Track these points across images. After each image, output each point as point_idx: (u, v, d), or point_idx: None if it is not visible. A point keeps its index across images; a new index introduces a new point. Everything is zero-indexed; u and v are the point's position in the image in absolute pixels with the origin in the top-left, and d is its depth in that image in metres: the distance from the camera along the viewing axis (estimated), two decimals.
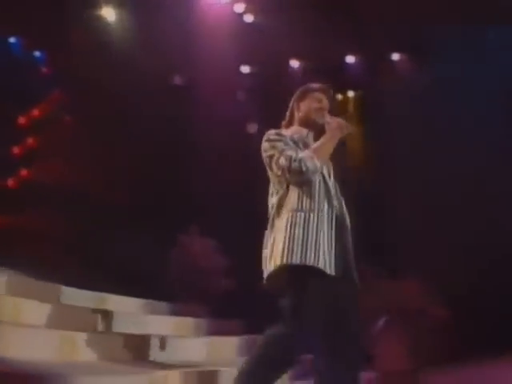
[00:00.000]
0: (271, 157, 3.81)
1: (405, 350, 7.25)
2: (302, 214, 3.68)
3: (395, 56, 12.65)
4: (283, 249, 3.59)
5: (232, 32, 10.85)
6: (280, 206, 3.76)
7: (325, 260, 3.59)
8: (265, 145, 3.88)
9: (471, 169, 11.27)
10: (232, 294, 9.20)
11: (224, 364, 6.15)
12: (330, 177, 3.90)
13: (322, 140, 3.89)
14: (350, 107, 13.19)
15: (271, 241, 3.71)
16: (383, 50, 12.39)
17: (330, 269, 3.59)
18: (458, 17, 11.97)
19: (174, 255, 9.33)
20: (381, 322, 7.15)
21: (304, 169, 3.69)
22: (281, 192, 3.80)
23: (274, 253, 3.64)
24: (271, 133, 3.91)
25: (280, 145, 3.81)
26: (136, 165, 11.05)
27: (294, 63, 12.40)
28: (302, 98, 4.13)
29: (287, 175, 3.72)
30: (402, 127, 11.77)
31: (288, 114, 4.18)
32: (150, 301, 8.19)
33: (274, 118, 4.37)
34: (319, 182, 3.79)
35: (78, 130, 11.46)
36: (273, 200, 3.84)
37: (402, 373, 7.12)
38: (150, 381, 5.00)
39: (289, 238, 3.61)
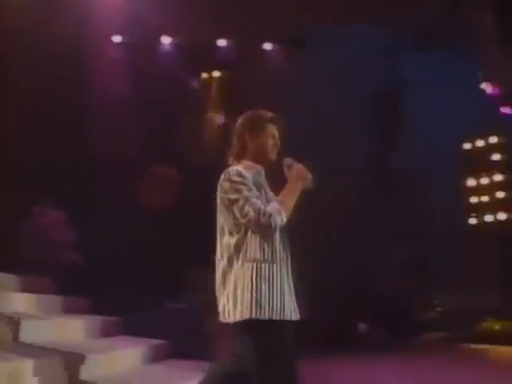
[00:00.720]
0: (234, 201, 3.67)
1: None
2: (267, 266, 3.67)
3: (267, 45, 13.00)
4: (251, 302, 3.58)
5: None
6: (238, 250, 3.70)
7: (290, 309, 3.67)
8: (225, 185, 3.71)
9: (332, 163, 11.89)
10: (80, 271, 9.16)
11: (74, 346, 6.02)
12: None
13: (287, 191, 3.81)
14: (214, 86, 13.39)
15: (232, 286, 3.69)
16: (256, 38, 12.64)
17: (294, 315, 3.70)
18: (330, 13, 12.42)
19: (25, 225, 9.10)
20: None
21: (273, 225, 3.64)
22: (238, 235, 3.73)
23: (240, 303, 3.63)
24: (233, 173, 3.72)
25: (244, 190, 3.67)
26: None
27: (166, 39, 12.43)
28: (256, 131, 3.90)
29: (253, 227, 3.64)
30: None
31: (238, 145, 3.93)
32: None
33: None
34: (278, 232, 3.76)
35: None
36: (229, 240, 3.75)
37: None
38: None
39: (256, 291, 3.60)
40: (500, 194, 16.25)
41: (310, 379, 4.55)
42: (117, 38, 12.18)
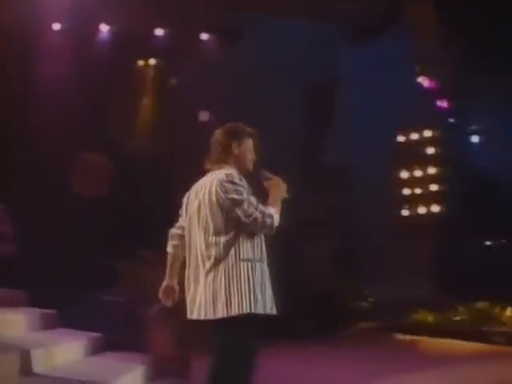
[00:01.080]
0: (238, 203, 4.00)
1: (175, 336, 7.63)
2: (259, 265, 4.07)
3: (204, 35, 12.97)
4: (249, 298, 3.96)
5: None
6: (229, 250, 4.02)
7: (272, 304, 4.12)
8: (228, 186, 4.03)
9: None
10: (17, 263, 8.94)
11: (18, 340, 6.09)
12: None
13: (274, 199, 4.20)
14: (149, 74, 13.28)
15: (222, 284, 3.98)
16: (193, 27, 12.57)
17: (274, 309, 4.15)
18: (267, 4, 12.45)
19: None
20: (154, 309, 7.38)
21: (275, 225, 4.09)
22: (227, 236, 4.04)
23: (236, 299, 3.94)
24: (234, 175, 4.09)
25: (245, 193, 4.06)
26: None
27: (104, 27, 12.33)
28: (240, 140, 4.29)
29: (257, 227, 4.03)
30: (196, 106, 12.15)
31: (221, 150, 4.25)
32: None
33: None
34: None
35: None
36: (218, 240, 4.03)
37: (172, 357, 7.50)
38: None
39: (253, 288, 3.98)
40: (433, 187, 16.55)
41: None
42: (56, 26, 11.98)
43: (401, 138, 17.06)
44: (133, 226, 11.01)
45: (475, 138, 16.64)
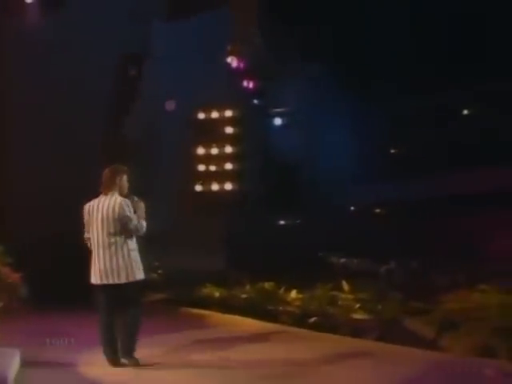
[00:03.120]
0: (130, 218, 7.28)
1: None
2: (137, 252, 7.48)
3: None
4: (138, 269, 7.47)
5: None
6: (122, 242, 7.29)
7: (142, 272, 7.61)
8: (125, 208, 7.28)
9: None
10: None
11: None
12: None
13: (141, 215, 7.43)
14: None
15: (121, 262, 7.27)
16: None
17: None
18: None
19: None
20: None
21: (144, 230, 7.49)
22: (119, 235, 7.28)
23: (131, 270, 7.34)
24: (127, 201, 7.33)
25: (131, 211, 7.33)
26: None
27: None
28: (121, 176, 7.43)
29: (136, 232, 7.39)
30: None
31: (109, 181, 7.35)
32: None
33: None
34: None
35: None
36: (115, 237, 7.27)
37: None
38: None
39: (138, 264, 7.49)
40: (228, 166, 16.96)
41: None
42: None
43: (201, 116, 17.26)
44: None
45: (278, 121, 17.28)
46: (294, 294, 11.24)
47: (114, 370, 7.27)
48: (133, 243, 7.33)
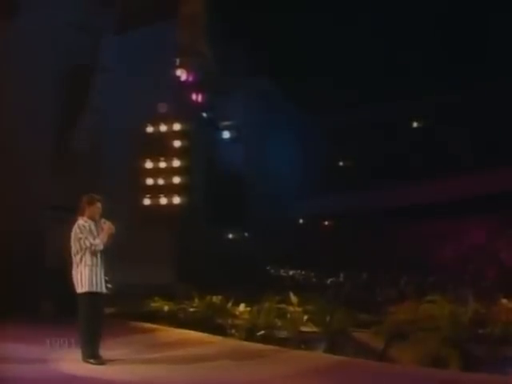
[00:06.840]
0: (81, 239, 8.22)
1: None
2: (90, 267, 8.24)
3: None
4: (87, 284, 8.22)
5: None
6: (81, 259, 8.21)
7: (100, 286, 8.38)
8: (77, 230, 8.27)
9: None
10: None
11: None
12: None
13: (104, 235, 8.26)
14: None
15: (79, 276, 8.21)
16: None
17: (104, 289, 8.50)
18: None
19: None
20: None
21: (100, 248, 8.26)
22: (80, 253, 8.22)
23: (81, 284, 8.20)
24: (82, 224, 8.27)
25: (85, 232, 8.25)
26: None
27: None
28: (91, 205, 8.38)
29: (89, 249, 8.18)
30: None
31: (82, 209, 8.36)
32: None
33: None
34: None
35: None
36: (77, 257, 8.24)
37: None
38: None
39: (90, 277, 8.25)
40: (176, 179, 16.88)
41: None
42: None
43: (149, 129, 17.17)
44: None
45: (226, 134, 17.28)
46: (242, 307, 11.24)
47: None
48: (88, 259, 8.28)
